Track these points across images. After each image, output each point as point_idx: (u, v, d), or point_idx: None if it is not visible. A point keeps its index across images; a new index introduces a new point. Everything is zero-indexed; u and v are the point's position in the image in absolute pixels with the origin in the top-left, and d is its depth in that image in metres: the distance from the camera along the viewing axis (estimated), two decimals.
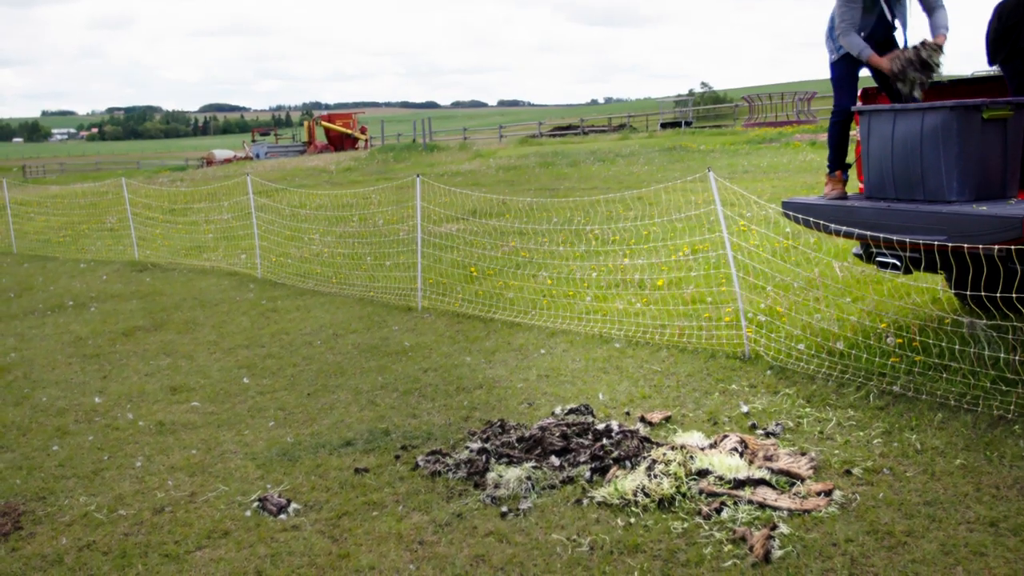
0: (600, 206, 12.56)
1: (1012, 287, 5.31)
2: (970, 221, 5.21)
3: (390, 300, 9.94)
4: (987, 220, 5.12)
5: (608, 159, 26.12)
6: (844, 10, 6.29)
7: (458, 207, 13.19)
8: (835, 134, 6.70)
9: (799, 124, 35.36)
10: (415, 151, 37.98)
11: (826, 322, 6.83)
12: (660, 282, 8.70)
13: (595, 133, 47.99)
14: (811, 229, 6.42)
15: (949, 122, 5.48)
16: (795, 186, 15.31)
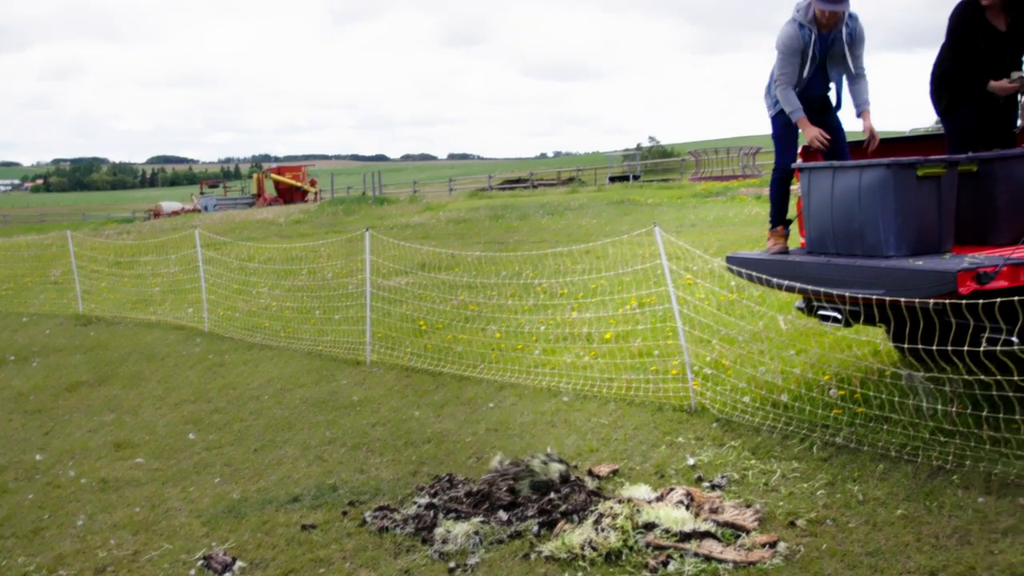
0: (549, 260, 12.66)
1: (948, 340, 5.43)
2: (907, 275, 5.34)
3: (339, 354, 9.91)
4: (923, 274, 5.25)
5: (557, 212, 26.33)
6: (783, 65, 6.48)
7: (407, 260, 13.20)
8: (776, 190, 6.87)
9: (744, 178, 35.94)
10: (365, 204, 37.99)
11: (771, 375, 6.93)
12: (608, 335, 8.78)
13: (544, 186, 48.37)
14: (755, 283, 6.54)
15: (886, 179, 5.63)
16: (741, 239, 15.53)
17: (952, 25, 6.58)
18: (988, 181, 5.94)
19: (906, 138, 7.48)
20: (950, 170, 5.73)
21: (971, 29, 6.48)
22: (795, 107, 6.47)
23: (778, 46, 6.50)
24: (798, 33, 6.40)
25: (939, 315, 5.41)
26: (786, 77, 6.49)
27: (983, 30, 6.48)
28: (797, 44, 6.42)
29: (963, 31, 6.51)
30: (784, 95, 6.49)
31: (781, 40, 6.47)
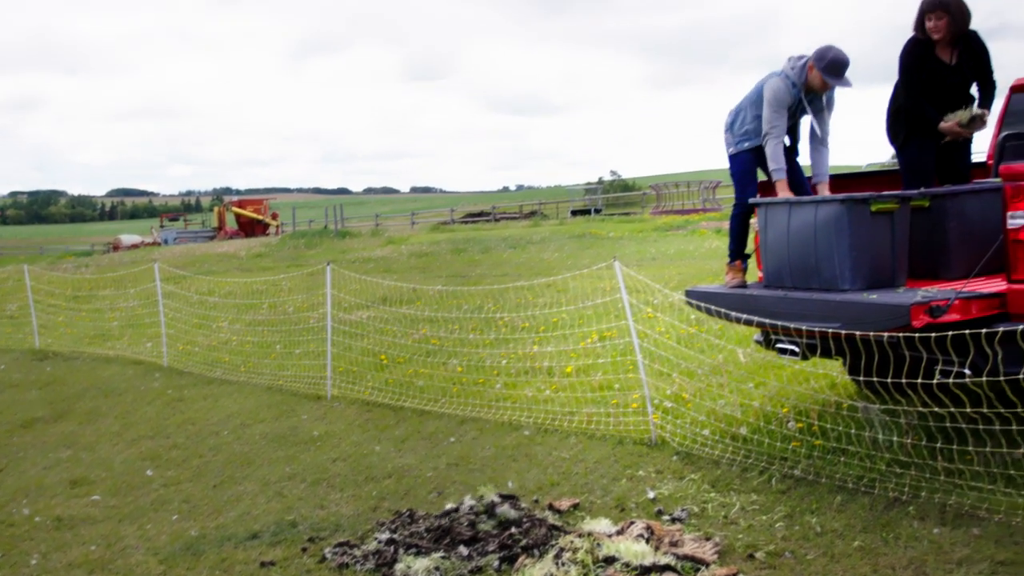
0: (510, 293, 12.69)
1: (902, 372, 5.52)
2: (862, 309, 5.43)
3: (299, 388, 9.86)
4: (878, 308, 5.34)
5: (519, 246, 26.43)
6: (774, 119, 6.54)
7: (369, 294, 13.19)
8: (735, 225, 6.97)
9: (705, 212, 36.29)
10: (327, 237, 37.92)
11: (730, 407, 6.98)
12: (569, 369, 8.81)
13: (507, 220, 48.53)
14: (714, 317, 6.60)
15: (840, 214, 5.73)
16: (701, 272, 15.67)
17: (903, 61, 6.77)
18: (940, 216, 6.07)
19: (862, 173, 7.62)
20: (903, 206, 5.85)
21: (921, 65, 6.67)
22: (780, 166, 6.56)
23: (769, 100, 6.57)
24: (790, 92, 6.53)
25: (894, 348, 5.50)
26: (777, 131, 6.57)
27: (932, 65, 6.67)
28: (787, 100, 6.54)
29: (914, 67, 6.70)
30: (774, 152, 6.54)
31: (773, 94, 6.55)
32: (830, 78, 6.37)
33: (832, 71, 6.36)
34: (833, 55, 6.36)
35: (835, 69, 6.36)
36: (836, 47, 6.40)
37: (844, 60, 6.37)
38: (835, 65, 6.35)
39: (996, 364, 5.05)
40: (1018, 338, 4.94)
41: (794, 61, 6.54)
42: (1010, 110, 7.57)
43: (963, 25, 6.57)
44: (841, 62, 6.36)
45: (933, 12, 6.52)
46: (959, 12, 6.53)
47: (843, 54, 6.38)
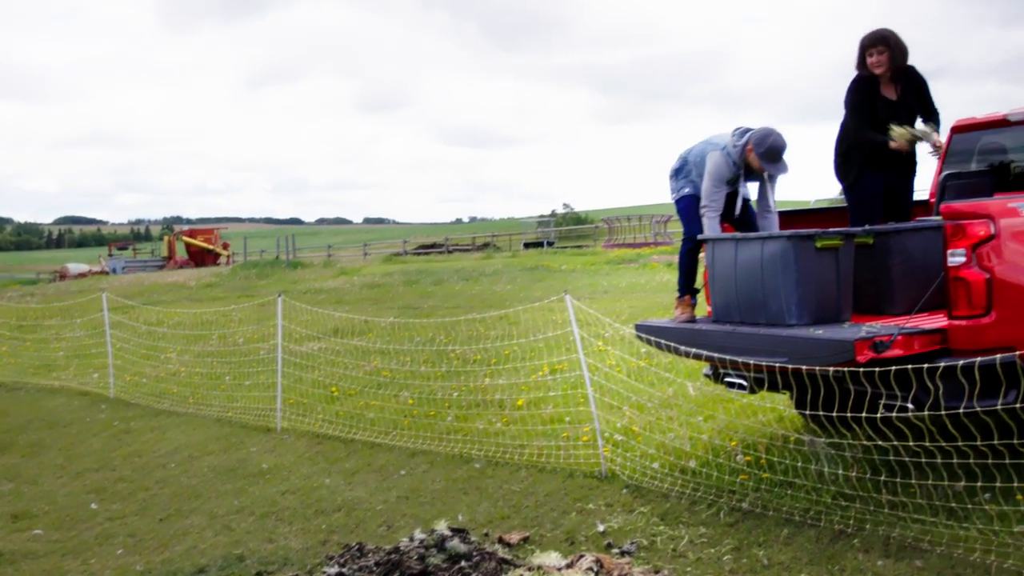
0: (462, 326, 12.70)
1: (847, 406, 5.60)
2: (808, 344, 5.51)
3: (249, 420, 9.78)
4: (823, 343, 5.43)
5: (472, 278, 26.45)
6: (712, 193, 6.63)
7: (320, 326, 13.13)
8: (685, 261, 7.06)
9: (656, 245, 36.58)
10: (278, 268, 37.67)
11: (679, 441, 7.04)
12: (520, 402, 8.83)
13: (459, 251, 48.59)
14: (663, 351, 6.67)
15: (787, 250, 5.83)
16: (653, 305, 15.78)
17: (850, 98, 6.95)
18: (883, 253, 6.19)
19: (809, 210, 7.75)
20: (847, 242, 5.96)
21: (868, 100, 6.85)
22: (717, 235, 6.66)
23: (710, 172, 6.65)
24: (731, 169, 6.62)
25: (839, 382, 5.59)
26: (715, 205, 6.65)
27: (878, 101, 6.85)
28: (727, 175, 6.64)
29: (861, 102, 6.88)
30: (711, 224, 6.63)
31: (715, 168, 6.63)
32: (767, 164, 6.48)
33: (768, 158, 6.47)
34: (771, 143, 6.43)
35: (771, 156, 6.47)
36: (775, 133, 6.47)
37: (780, 147, 6.46)
38: (771, 152, 6.45)
39: (938, 398, 5.15)
40: (958, 373, 5.05)
41: (737, 137, 6.61)
42: (951, 150, 7.76)
43: (902, 59, 6.79)
44: (777, 150, 6.45)
45: (874, 47, 6.73)
46: (898, 46, 6.76)
47: (780, 141, 6.45)
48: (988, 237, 5.19)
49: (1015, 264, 5.24)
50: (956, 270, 5.26)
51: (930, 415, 5.29)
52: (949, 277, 5.30)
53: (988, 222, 5.20)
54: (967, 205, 5.37)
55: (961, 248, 5.24)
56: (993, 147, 7.71)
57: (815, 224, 7.09)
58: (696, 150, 6.91)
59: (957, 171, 7.39)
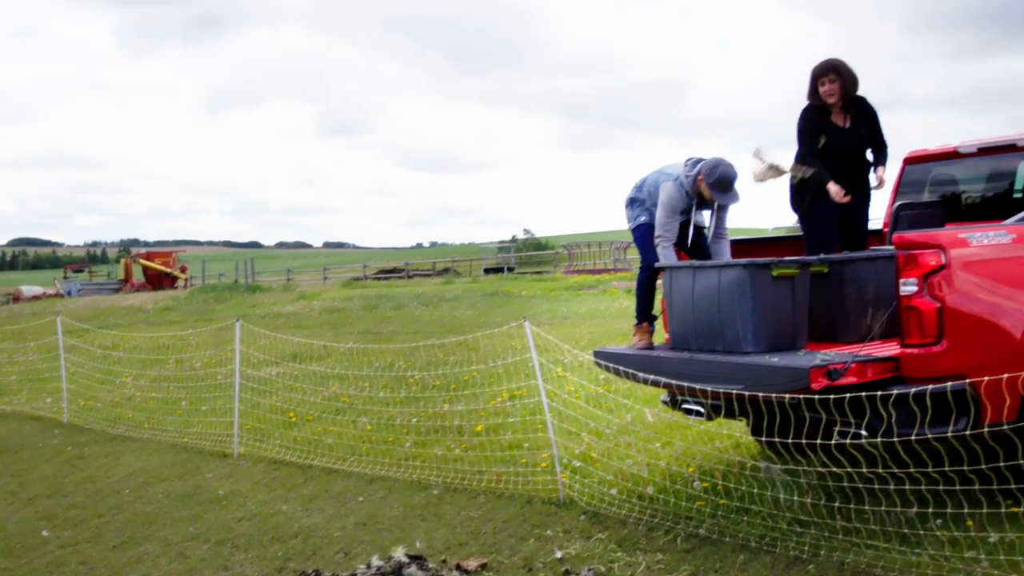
0: (422, 351, 12.69)
1: (803, 433, 5.67)
2: (764, 371, 5.58)
3: (205, 446, 9.69)
4: (779, 370, 5.50)
5: (432, 303, 26.43)
6: (666, 224, 6.75)
7: (279, 351, 13.05)
8: (642, 288, 7.12)
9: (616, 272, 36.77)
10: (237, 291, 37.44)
11: (637, 467, 7.07)
12: (479, 428, 8.83)
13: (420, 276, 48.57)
14: (622, 377, 6.71)
15: (743, 279, 5.90)
16: (612, 332, 15.85)
17: (801, 126, 7.06)
18: (838, 282, 6.29)
19: (765, 238, 7.85)
20: (803, 271, 6.05)
21: (818, 129, 6.97)
22: (673, 263, 6.75)
23: (663, 202, 6.76)
24: (683, 198, 6.74)
25: (794, 409, 5.65)
26: (669, 235, 6.76)
27: (828, 129, 6.97)
28: (680, 206, 6.75)
29: (811, 130, 6.99)
30: (664, 254, 6.74)
31: (666, 199, 6.74)
32: (716, 194, 6.61)
33: (718, 188, 6.60)
34: (720, 173, 6.55)
35: (721, 186, 6.60)
36: (725, 163, 6.59)
37: (730, 177, 6.58)
38: (721, 183, 6.58)
39: (891, 425, 5.23)
40: (910, 401, 5.13)
41: (689, 168, 6.74)
42: (904, 181, 7.92)
43: (853, 88, 6.92)
44: (727, 180, 6.58)
45: (826, 76, 6.86)
46: (848, 75, 6.89)
47: (730, 171, 6.58)
48: (939, 267, 5.30)
49: (965, 293, 5.35)
50: (908, 299, 5.35)
51: (883, 442, 5.37)
52: (901, 306, 5.39)
53: (939, 252, 5.31)
54: (919, 235, 5.48)
55: (913, 278, 5.34)
56: (944, 178, 7.88)
57: (772, 252, 7.19)
58: (651, 179, 7.01)
59: (909, 202, 7.53)
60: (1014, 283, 5.50)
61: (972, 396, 5.20)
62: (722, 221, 6.88)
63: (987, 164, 7.57)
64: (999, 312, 5.42)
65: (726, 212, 6.89)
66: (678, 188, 6.73)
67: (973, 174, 7.80)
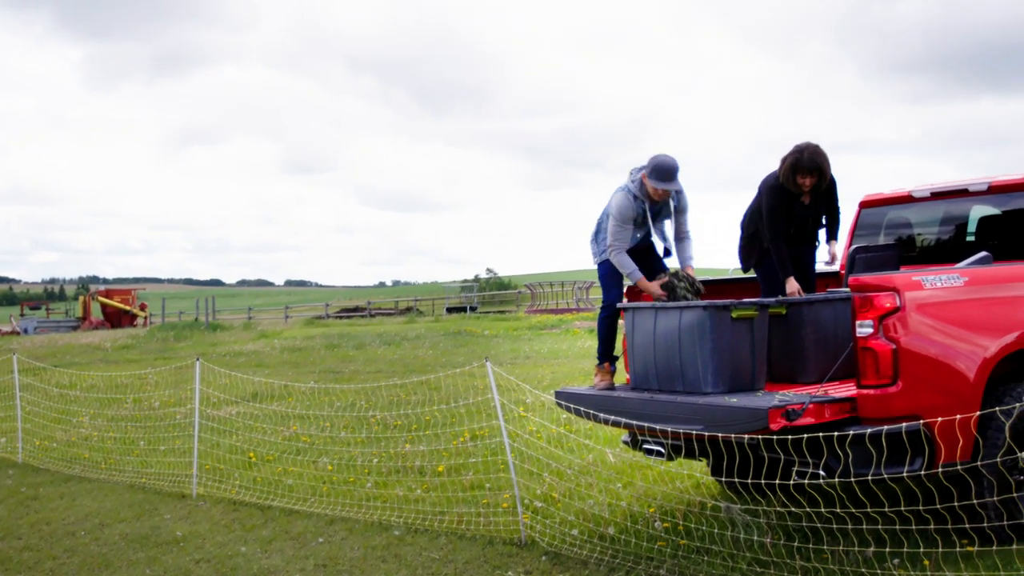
0: (383, 391, 12.66)
1: (762, 473, 5.72)
2: (723, 412, 5.63)
3: (163, 487, 9.57)
4: (738, 411, 5.55)
5: (394, 342, 26.38)
6: (618, 232, 6.87)
7: (239, 390, 12.97)
8: (603, 328, 7.18)
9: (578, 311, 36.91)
10: (197, 330, 37.15)
11: (598, 507, 7.08)
12: (440, 468, 8.80)
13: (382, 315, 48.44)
14: (583, 418, 6.74)
15: (703, 320, 5.97)
16: (574, 371, 15.90)
17: (772, 205, 7.09)
18: (796, 323, 6.38)
19: (726, 280, 7.94)
20: (761, 312, 6.13)
21: (787, 210, 7.06)
22: (632, 269, 6.87)
23: (613, 213, 6.90)
24: (632, 204, 6.85)
25: (753, 450, 5.71)
26: (621, 243, 6.89)
27: (795, 210, 7.08)
28: (631, 213, 6.86)
29: (779, 211, 7.06)
30: (619, 260, 6.86)
31: (616, 208, 6.88)
32: (657, 182, 6.73)
33: (657, 175, 6.73)
34: (657, 161, 6.73)
35: (660, 174, 6.73)
36: (664, 155, 6.77)
37: (668, 164, 6.73)
38: (659, 170, 6.73)
39: (848, 465, 5.30)
40: (866, 441, 5.20)
41: (635, 174, 6.90)
42: (860, 224, 8.06)
43: (826, 182, 6.99)
44: (664, 166, 6.72)
45: (809, 175, 6.88)
46: (827, 175, 6.94)
47: (668, 160, 6.74)
48: (894, 309, 5.40)
49: (920, 335, 5.45)
50: (864, 340, 5.44)
51: (841, 482, 5.43)
52: (858, 347, 5.48)
53: (894, 295, 5.41)
54: (874, 278, 5.58)
55: (868, 319, 5.43)
56: (899, 222, 8.03)
57: (732, 294, 7.28)
58: (607, 206, 7.12)
59: (865, 244, 7.66)
60: (966, 325, 5.61)
61: (927, 436, 5.28)
62: (682, 224, 7.01)
63: (940, 208, 7.74)
64: (952, 354, 5.53)
65: (685, 216, 7.02)
66: (626, 195, 6.87)
67: (927, 218, 7.96)
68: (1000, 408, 5.38)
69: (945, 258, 7.40)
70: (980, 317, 5.70)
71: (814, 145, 6.88)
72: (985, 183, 7.18)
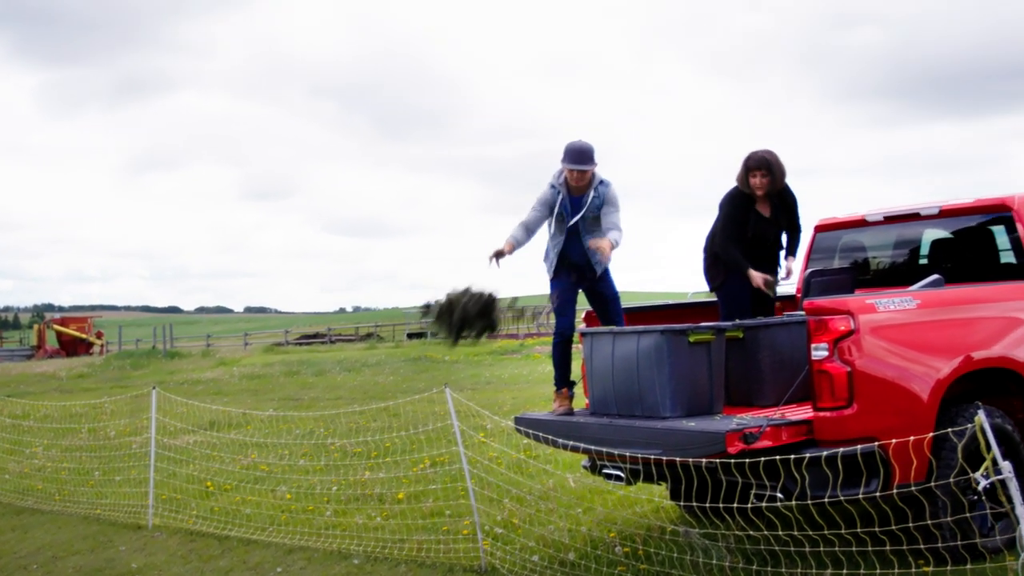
0: (343, 418, 12.57)
1: (720, 497, 5.74)
2: (682, 436, 5.65)
3: (118, 518, 9.43)
4: (696, 435, 5.57)
5: (354, 368, 26.24)
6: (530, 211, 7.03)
7: (196, 419, 12.81)
8: (558, 353, 7.20)
9: (539, 336, 36.91)
10: (155, 358, 36.73)
11: (559, 533, 7.07)
12: (400, 495, 8.75)
13: (342, 342, 48.14)
14: (542, 443, 6.73)
15: (661, 344, 5.99)
16: (535, 397, 15.88)
17: (725, 210, 7.22)
18: (753, 347, 6.43)
19: (684, 304, 7.99)
20: (718, 336, 6.17)
21: (743, 216, 7.16)
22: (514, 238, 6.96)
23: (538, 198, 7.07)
24: (549, 191, 7.00)
25: (712, 473, 5.72)
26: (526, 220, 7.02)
27: (752, 217, 7.17)
28: (545, 198, 7.00)
29: (735, 216, 7.18)
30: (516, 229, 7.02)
31: (539, 195, 7.05)
32: (569, 164, 6.82)
33: (569, 158, 6.84)
34: (568, 144, 6.87)
35: (570, 155, 6.84)
36: (578, 140, 6.88)
37: (578, 145, 6.84)
38: (570, 152, 6.84)
39: (805, 488, 5.33)
40: (823, 463, 5.24)
41: (556, 170, 7.01)
42: (815, 247, 8.15)
43: (781, 182, 7.16)
44: (574, 147, 6.84)
45: (758, 170, 7.06)
46: (779, 171, 7.12)
47: (579, 142, 6.86)
48: (848, 332, 5.45)
49: (874, 358, 5.51)
50: (819, 363, 5.49)
51: (798, 504, 5.46)
52: (813, 370, 5.53)
53: (848, 318, 5.47)
54: (828, 302, 5.64)
55: (824, 343, 5.48)
56: (854, 245, 8.13)
57: (690, 318, 7.33)
58: None
59: (821, 268, 7.74)
60: (920, 347, 5.68)
61: (882, 458, 5.33)
62: (610, 216, 6.99)
63: (893, 232, 7.84)
64: (906, 376, 5.59)
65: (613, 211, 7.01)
66: (549, 187, 7.02)
67: (881, 241, 8.06)
68: (953, 429, 5.45)
69: (899, 281, 7.49)
70: (933, 339, 5.78)
71: (767, 148, 7.08)
72: (936, 207, 7.29)
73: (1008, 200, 6.83)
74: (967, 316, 6.04)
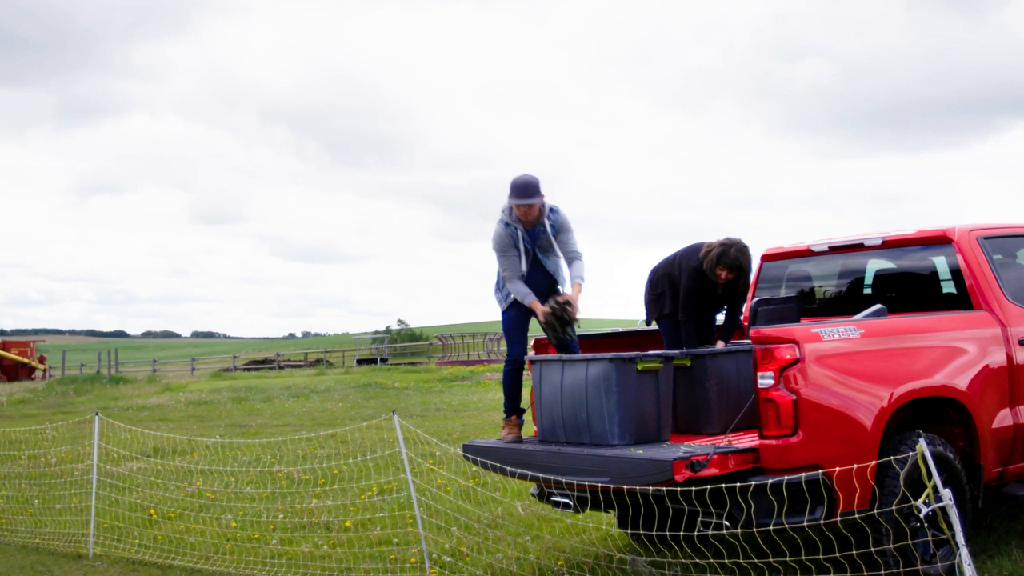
0: (290, 445, 12.45)
1: (667, 525, 5.76)
2: (629, 464, 5.66)
3: (58, 547, 9.23)
4: (643, 463, 5.58)
5: (303, 395, 26.03)
6: (503, 262, 7.00)
7: (140, 446, 12.62)
8: (508, 381, 7.19)
9: (489, 363, 36.90)
10: (99, 383, 36.14)
11: (507, 561, 7.04)
12: (347, 523, 8.66)
13: (291, 367, 47.77)
14: (491, 471, 6.71)
15: (609, 372, 6.01)
16: (484, 424, 15.85)
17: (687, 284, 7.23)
18: (700, 375, 6.48)
19: (634, 332, 8.03)
20: (666, 364, 6.21)
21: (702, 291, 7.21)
22: (524, 293, 6.93)
23: (494, 247, 7.02)
24: (506, 231, 6.95)
25: (659, 501, 5.74)
26: (511, 272, 6.98)
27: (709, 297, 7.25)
28: (508, 241, 6.95)
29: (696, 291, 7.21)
30: (513, 287, 6.96)
31: (494, 240, 7.02)
32: (516, 199, 6.82)
33: (514, 193, 6.84)
34: (513, 181, 6.88)
35: (515, 191, 6.83)
36: (522, 174, 6.89)
37: (522, 180, 6.84)
38: (514, 188, 6.84)
39: (751, 515, 5.36)
40: (768, 491, 5.28)
41: (505, 205, 6.99)
42: (762, 277, 8.24)
43: (744, 280, 7.23)
44: (518, 183, 6.84)
45: (728, 270, 7.05)
46: (748, 272, 7.19)
47: (523, 176, 6.86)
48: (794, 361, 5.51)
49: (819, 386, 5.56)
50: (765, 392, 5.54)
51: (744, 532, 5.49)
52: (760, 398, 5.57)
53: (794, 346, 5.52)
54: (774, 331, 5.69)
55: (769, 371, 5.53)
56: (800, 275, 8.23)
57: (639, 346, 7.37)
58: None
59: (767, 297, 7.83)
60: (863, 376, 5.75)
61: (826, 486, 5.38)
62: (567, 243, 7.03)
63: (838, 262, 7.95)
64: (850, 404, 5.66)
65: (567, 235, 7.04)
66: (499, 224, 6.99)
67: (826, 271, 8.17)
68: (895, 457, 5.52)
69: (843, 310, 7.60)
70: (876, 368, 5.85)
71: (743, 244, 7.08)
72: (880, 238, 7.41)
73: (949, 232, 6.96)
74: (909, 345, 6.13)
